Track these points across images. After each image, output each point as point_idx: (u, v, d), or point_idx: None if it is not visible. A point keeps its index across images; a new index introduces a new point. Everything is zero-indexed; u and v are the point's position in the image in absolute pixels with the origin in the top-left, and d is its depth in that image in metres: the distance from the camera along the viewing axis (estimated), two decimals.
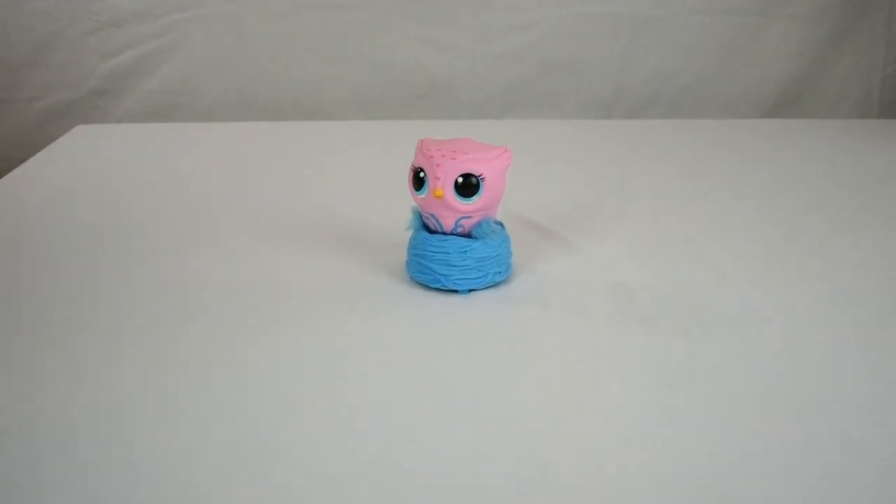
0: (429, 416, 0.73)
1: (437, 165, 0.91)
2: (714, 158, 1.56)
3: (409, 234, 0.98)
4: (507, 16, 1.99)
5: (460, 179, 0.91)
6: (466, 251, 0.93)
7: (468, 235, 0.94)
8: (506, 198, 0.99)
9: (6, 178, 1.43)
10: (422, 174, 0.92)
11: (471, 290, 0.96)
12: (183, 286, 0.99)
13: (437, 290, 0.96)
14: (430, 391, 0.77)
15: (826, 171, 1.48)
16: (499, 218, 0.99)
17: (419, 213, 0.97)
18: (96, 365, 0.81)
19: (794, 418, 0.73)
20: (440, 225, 0.94)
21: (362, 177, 1.42)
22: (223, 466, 0.66)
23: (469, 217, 0.93)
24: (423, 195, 0.93)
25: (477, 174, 0.91)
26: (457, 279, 0.94)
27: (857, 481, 0.65)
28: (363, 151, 1.60)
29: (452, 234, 0.94)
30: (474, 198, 0.91)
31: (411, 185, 0.94)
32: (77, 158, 1.57)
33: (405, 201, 0.98)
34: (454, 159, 0.91)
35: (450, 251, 0.93)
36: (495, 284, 0.97)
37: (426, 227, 0.96)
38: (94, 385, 0.77)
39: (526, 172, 1.27)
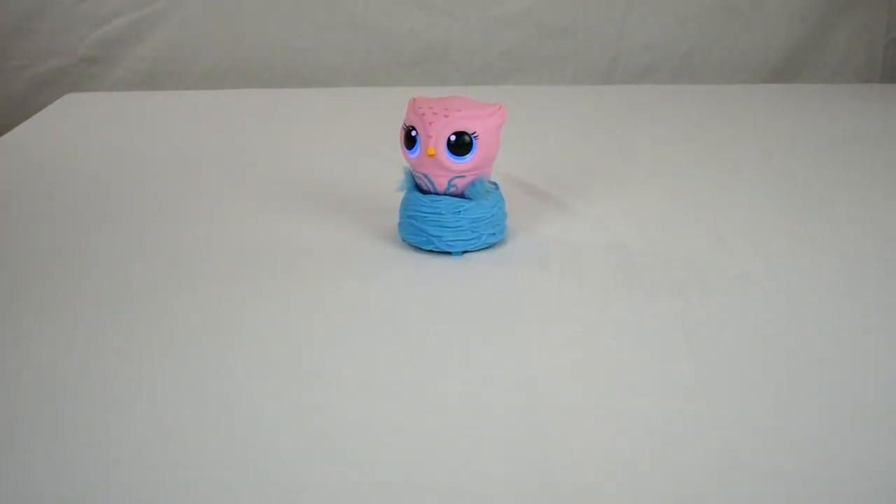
0: (422, 378, 0.72)
1: (430, 123, 0.88)
2: (714, 124, 1.54)
3: (402, 195, 0.96)
4: None
5: (453, 137, 0.88)
6: (460, 212, 0.91)
7: (462, 196, 0.92)
8: (502, 162, 0.97)
9: None
10: (413, 133, 0.90)
11: (464, 252, 0.93)
12: (174, 252, 0.97)
13: (430, 252, 0.94)
14: (423, 354, 0.75)
15: (827, 136, 1.46)
16: (494, 179, 0.97)
17: (411, 173, 0.94)
18: (86, 331, 0.80)
19: (794, 380, 0.71)
20: (433, 185, 0.92)
21: (356, 142, 1.40)
22: (210, 431, 0.64)
23: (462, 177, 0.91)
24: (415, 155, 0.91)
25: (470, 132, 0.88)
26: (450, 241, 0.92)
27: (861, 440, 0.63)
28: (357, 118, 1.58)
29: (445, 194, 0.92)
30: (468, 156, 0.89)
31: (403, 144, 0.92)
32: (67, 126, 1.55)
33: (399, 165, 0.96)
34: (447, 117, 0.88)
35: (442, 212, 0.91)
36: (490, 246, 0.95)
37: (419, 188, 0.94)
38: (83, 351, 0.76)
39: (523, 138, 1.26)
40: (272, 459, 0.61)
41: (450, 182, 0.91)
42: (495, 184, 0.96)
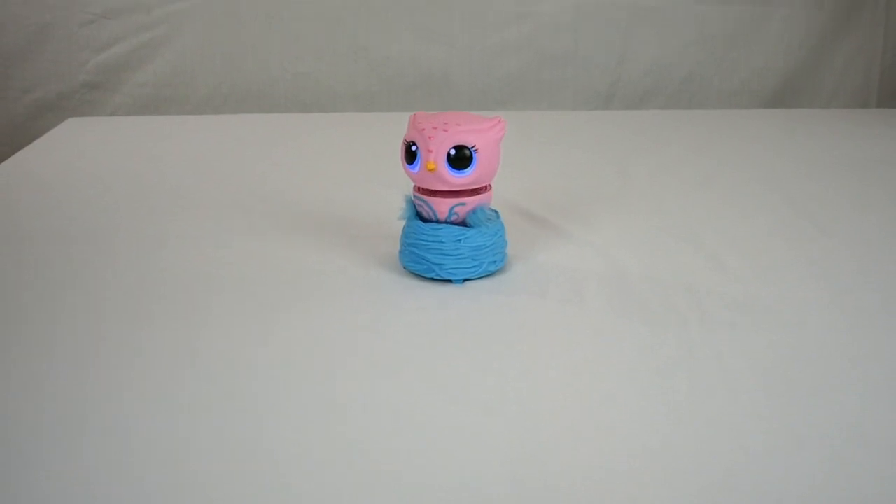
0: (424, 407, 0.72)
1: (429, 137, 0.88)
2: (713, 148, 1.55)
3: (403, 223, 0.96)
4: (504, 6, 1.97)
5: (453, 151, 0.88)
6: (461, 240, 0.91)
7: (463, 224, 0.92)
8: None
9: None
10: (414, 148, 0.90)
11: (465, 280, 0.94)
12: (175, 279, 0.97)
13: (432, 280, 0.94)
14: (424, 383, 0.75)
15: (825, 160, 1.47)
16: (494, 206, 0.97)
17: (412, 201, 0.95)
18: (86, 359, 0.80)
19: (793, 407, 0.71)
20: (434, 213, 0.92)
21: (356, 168, 1.41)
22: (217, 457, 0.64)
23: (463, 204, 0.92)
24: (415, 169, 0.90)
25: (470, 146, 0.88)
26: (451, 269, 0.92)
27: (861, 468, 0.63)
28: (358, 143, 1.58)
29: (447, 222, 0.92)
30: (468, 170, 0.89)
31: (403, 159, 0.92)
32: (68, 151, 1.55)
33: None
34: (446, 131, 0.88)
35: (444, 240, 0.91)
36: (490, 274, 0.95)
37: (420, 216, 0.94)
38: (84, 379, 0.76)
39: (523, 163, 1.26)
40: (276, 489, 0.61)
41: (451, 210, 0.92)
42: (496, 211, 0.97)
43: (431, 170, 0.88)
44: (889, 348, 0.81)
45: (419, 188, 0.95)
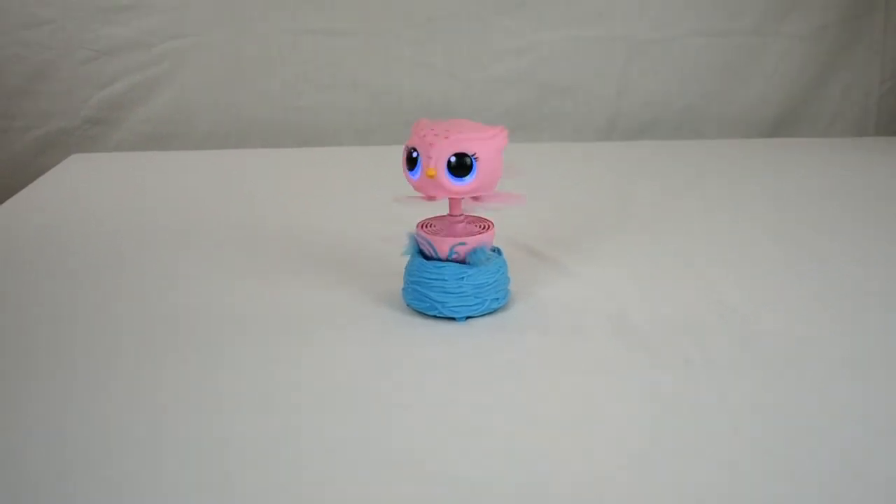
0: (427, 446, 0.72)
1: (430, 144, 0.88)
2: (713, 179, 1.55)
3: (406, 260, 0.97)
4: (504, 40, 1.98)
5: (453, 159, 0.88)
6: (463, 278, 0.92)
7: (464, 262, 0.93)
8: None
9: (1, 207, 1.42)
10: (415, 154, 0.90)
11: (468, 318, 0.94)
12: (179, 315, 0.97)
13: (435, 317, 0.94)
14: (427, 421, 0.75)
15: (825, 190, 1.47)
16: (496, 243, 0.98)
17: (415, 238, 0.95)
18: (85, 393, 0.80)
19: (795, 443, 0.71)
20: (435, 251, 0.93)
21: (359, 203, 1.41)
22: (227, 495, 0.64)
23: (463, 244, 0.92)
24: (416, 176, 0.90)
25: (470, 153, 0.88)
26: (454, 306, 0.92)
27: None
28: (360, 178, 1.59)
29: (448, 260, 0.93)
30: (468, 178, 0.88)
31: (404, 165, 0.91)
32: (72, 188, 1.56)
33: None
34: (447, 138, 0.88)
35: (447, 278, 0.92)
36: (493, 311, 0.96)
37: (422, 254, 0.95)
38: (81, 412, 0.76)
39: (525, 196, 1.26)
40: None
41: (451, 249, 0.92)
42: (498, 249, 0.97)
43: (431, 176, 0.88)
44: (892, 384, 0.81)
45: (422, 225, 0.96)
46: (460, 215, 0.96)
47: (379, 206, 1.33)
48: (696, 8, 1.98)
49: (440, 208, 0.97)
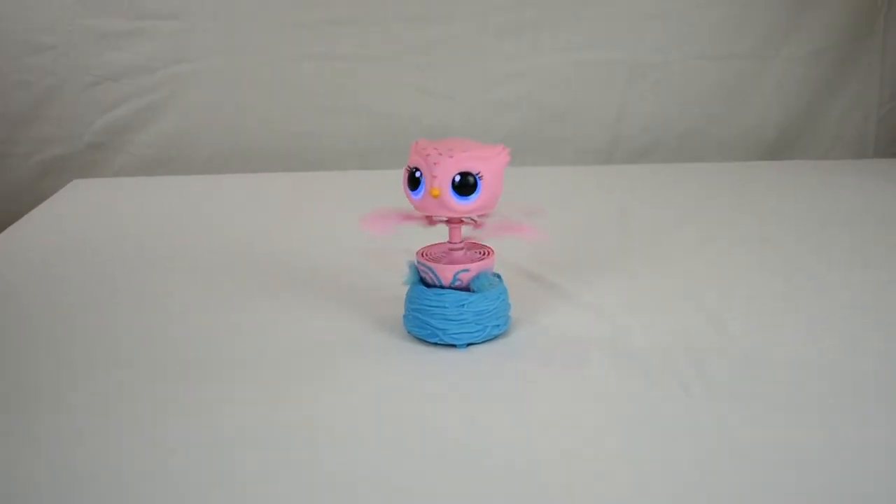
0: (427, 474, 0.72)
1: (434, 164, 0.88)
2: (713, 203, 1.56)
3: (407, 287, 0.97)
4: (504, 64, 2.00)
5: (458, 178, 0.88)
6: (464, 305, 0.92)
7: (466, 289, 0.93)
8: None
9: (4, 233, 1.43)
10: (417, 174, 0.90)
11: (469, 345, 0.94)
12: (181, 342, 0.98)
13: (436, 344, 0.94)
14: (428, 449, 0.76)
15: (825, 213, 1.48)
16: (496, 269, 0.98)
17: (416, 267, 0.96)
18: (89, 423, 0.80)
19: (797, 472, 0.71)
20: (438, 279, 0.93)
21: (361, 228, 1.41)
22: None
23: (467, 270, 0.93)
24: (418, 196, 0.90)
25: (475, 172, 0.88)
26: (454, 333, 0.93)
27: None
28: (361, 202, 1.58)
29: (451, 287, 0.93)
30: (472, 197, 0.89)
31: (406, 185, 0.91)
32: (74, 213, 1.57)
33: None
34: (451, 157, 0.88)
35: (447, 305, 0.92)
36: (494, 338, 0.96)
37: (423, 282, 0.95)
38: (84, 443, 0.76)
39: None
40: None
41: (455, 276, 0.92)
42: (498, 276, 0.98)
43: (436, 196, 0.88)
44: (892, 408, 0.81)
45: (421, 254, 0.96)
46: (460, 242, 0.96)
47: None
48: (695, 32, 1.99)
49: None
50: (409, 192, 0.91)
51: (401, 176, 0.92)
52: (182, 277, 1.20)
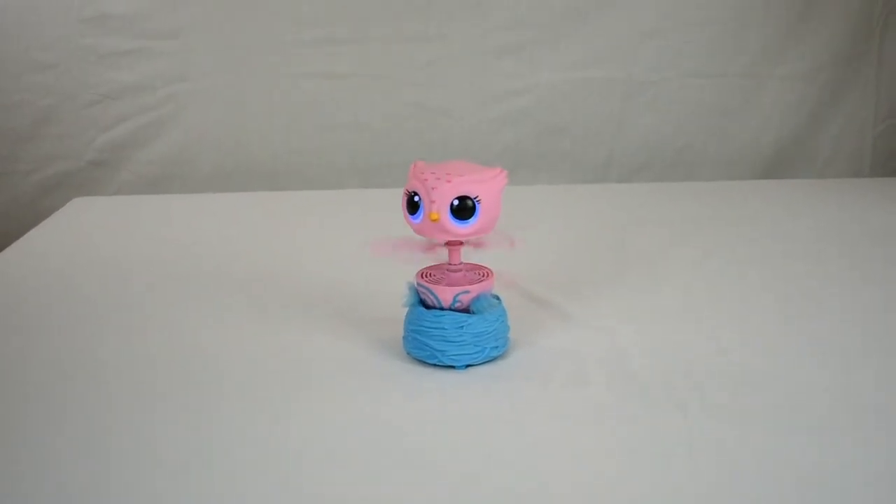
0: (426, 495, 0.72)
1: (433, 188, 0.89)
2: (709, 221, 1.57)
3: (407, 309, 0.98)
4: (502, 81, 2.01)
5: (456, 202, 0.89)
6: (463, 326, 0.93)
7: (466, 310, 0.94)
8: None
9: (5, 251, 1.44)
10: (416, 198, 0.91)
11: (468, 366, 0.95)
12: (180, 362, 0.98)
13: (435, 365, 0.95)
14: (427, 471, 0.76)
15: (821, 232, 1.49)
16: (495, 290, 0.99)
17: (416, 288, 0.96)
18: (92, 440, 0.81)
19: (796, 491, 0.72)
20: (438, 301, 0.94)
21: (361, 247, 1.42)
22: None
23: (467, 292, 0.93)
24: (417, 220, 0.91)
25: (473, 196, 0.89)
26: (453, 355, 0.93)
27: None
28: (362, 221, 1.60)
29: (451, 308, 0.94)
30: (471, 220, 0.90)
31: (405, 209, 0.92)
32: (75, 231, 1.57)
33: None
34: (449, 181, 0.89)
35: (446, 326, 0.93)
36: (493, 359, 0.97)
37: (423, 303, 0.96)
38: (78, 464, 0.77)
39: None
40: None
41: (455, 297, 0.93)
42: (498, 297, 0.98)
43: (435, 220, 0.89)
44: (891, 427, 0.82)
45: (421, 275, 0.97)
46: (459, 264, 0.97)
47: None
48: (691, 50, 2.00)
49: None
50: (408, 215, 0.92)
51: (400, 194, 0.93)
52: (181, 295, 1.21)
